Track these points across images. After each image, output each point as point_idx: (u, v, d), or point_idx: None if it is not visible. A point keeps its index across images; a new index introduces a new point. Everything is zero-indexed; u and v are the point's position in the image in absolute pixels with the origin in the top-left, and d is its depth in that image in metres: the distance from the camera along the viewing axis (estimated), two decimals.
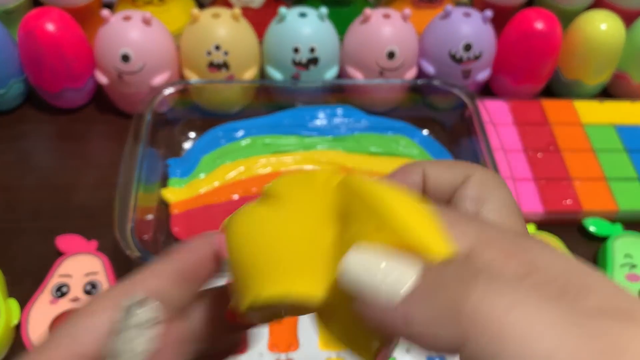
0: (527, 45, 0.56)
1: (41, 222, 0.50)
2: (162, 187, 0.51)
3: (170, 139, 0.55)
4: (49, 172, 0.54)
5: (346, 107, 0.57)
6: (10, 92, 0.56)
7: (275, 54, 0.55)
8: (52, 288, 0.44)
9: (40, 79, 0.55)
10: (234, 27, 0.54)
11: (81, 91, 0.56)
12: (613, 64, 0.59)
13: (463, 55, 0.55)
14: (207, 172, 0.52)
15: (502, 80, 0.60)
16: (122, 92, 0.55)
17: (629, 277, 0.46)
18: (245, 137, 0.55)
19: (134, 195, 0.45)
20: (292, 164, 0.53)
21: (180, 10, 0.63)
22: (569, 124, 0.58)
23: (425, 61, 0.58)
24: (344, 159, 0.53)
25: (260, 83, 0.58)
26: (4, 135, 0.57)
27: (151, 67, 0.53)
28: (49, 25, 0.51)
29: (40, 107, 0.59)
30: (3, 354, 0.42)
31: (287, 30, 0.54)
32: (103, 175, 0.53)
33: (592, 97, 0.62)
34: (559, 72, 0.61)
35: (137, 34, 0.52)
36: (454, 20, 0.55)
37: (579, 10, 0.62)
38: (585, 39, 0.57)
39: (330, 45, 0.56)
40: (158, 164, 0.52)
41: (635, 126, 0.58)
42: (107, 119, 0.58)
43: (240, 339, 0.23)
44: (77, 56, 0.53)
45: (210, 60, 0.53)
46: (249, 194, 0.51)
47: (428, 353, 0.14)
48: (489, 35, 0.56)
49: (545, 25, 0.55)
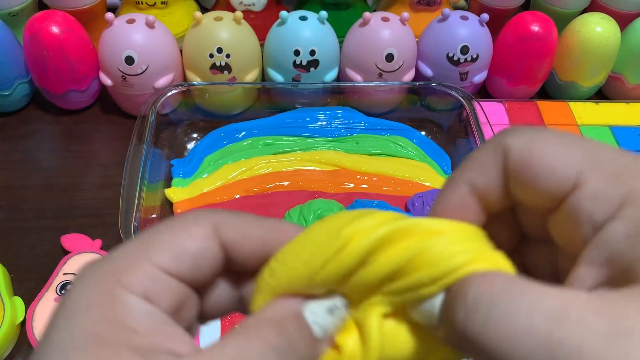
0: (523, 47, 0.57)
1: (46, 222, 0.50)
2: (166, 186, 0.52)
3: (174, 139, 0.56)
4: (54, 172, 0.55)
5: (346, 108, 0.58)
6: (15, 93, 0.57)
7: (276, 57, 0.56)
8: (57, 286, 0.44)
9: (45, 81, 0.55)
10: (236, 30, 0.54)
11: (85, 93, 0.57)
12: (608, 66, 0.60)
13: (460, 58, 0.56)
14: (210, 172, 0.53)
15: (499, 82, 0.61)
16: (126, 93, 0.55)
17: None
18: (247, 137, 0.56)
19: (137, 195, 0.45)
20: (292, 164, 0.54)
21: (183, 14, 0.63)
22: (565, 125, 0.59)
23: (423, 63, 0.58)
24: (344, 159, 0.54)
25: (261, 85, 0.58)
26: (9, 136, 0.57)
27: (154, 69, 0.53)
28: (54, 27, 0.52)
29: (45, 108, 0.60)
30: (8, 351, 0.42)
31: (287, 33, 0.55)
32: (107, 175, 0.54)
33: (588, 98, 0.63)
34: (554, 74, 0.61)
35: (140, 37, 0.52)
36: (451, 23, 0.56)
37: (575, 13, 0.63)
38: (580, 42, 0.58)
39: (330, 48, 0.56)
40: (161, 164, 0.53)
41: (630, 127, 0.59)
42: (111, 120, 0.59)
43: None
44: (81, 58, 0.54)
45: (212, 62, 0.54)
46: (250, 193, 0.51)
47: None
48: (485, 38, 0.57)
49: (541, 28, 0.56)
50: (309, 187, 0.52)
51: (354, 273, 0.17)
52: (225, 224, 0.19)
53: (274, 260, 0.18)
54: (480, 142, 0.51)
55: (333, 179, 0.53)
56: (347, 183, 0.53)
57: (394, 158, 0.55)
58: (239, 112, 0.58)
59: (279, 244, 0.19)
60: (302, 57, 0.55)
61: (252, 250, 0.19)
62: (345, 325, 0.18)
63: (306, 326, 0.17)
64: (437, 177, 0.54)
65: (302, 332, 0.17)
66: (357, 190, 0.52)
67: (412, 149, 0.56)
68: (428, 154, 0.56)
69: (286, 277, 0.18)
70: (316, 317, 0.17)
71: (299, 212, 0.47)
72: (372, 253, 0.17)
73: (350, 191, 0.52)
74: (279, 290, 0.18)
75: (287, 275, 0.18)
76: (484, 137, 0.51)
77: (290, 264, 0.18)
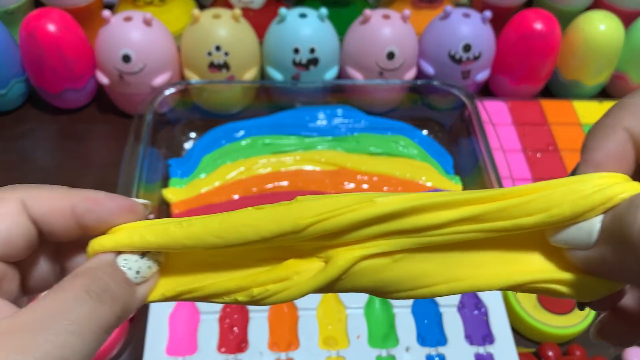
0: (526, 45, 0.56)
1: None
2: (163, 187, 0.51)
3: (171, 139, 0.55)
4: (50, 172, 0.54)
5: (346, 107, 0.57)
6: (11, 92, 0.56)
7: (276, 55, 0.56)
8: None
9: (41, 80, 0.55)
10: (235, 28, 0.54)
11: (82, 91, 0.57)
12: (612, 65, 0.59)
13: (462, 56, 0.55)
14: (208, 172, 0.52)
15: (501, 80, 0.60)
16: (123, 92, 0.55)
17: None
18: (245, 137, 0.55)
19: (135, 195, 0.45)
20: (292, 164, 0.53)
21: (180, 11, 0.63)
22: (568, 124, 0.58)
23: (425, 62, 0.58)
24: (344, 159, 0.53)
25: (260, 83, 0.58)
26: (5, 135, 0.57)
27: (152, 67, 0.53)
28: (50, 25, 0.51)
29: (41, 107, 0.59)
30: None
31: (287, 31, 0.54)
32: (104, 175, 0.53)
33: (591, 97, 0.62)
34: (558, 72, 0.61)
35: (137, 35, 0.52)
36: (453, 21, 0.55)
37: (578, 11, 0.63)
38: (584, 40, 0.57)
39: (330, 45, 0.56)
40: (159, 164, 0.52)
41: None
42: (108, 119, 0.59)
43: None
44: (78, 57, 0.54)
45: (210, 60, 0.53)
46: (249, 193, 0.51)
47: (431, 350, 0.14)
48: (488, 36, 0.56)
49: (544, 26, 0.56)
50: (309, 187, 0.51)
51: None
52: (33, 198, 0.19)
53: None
54: (482, 142, 0.50)
55: (333, 178, 0.52)
56: (347, 183, 0.52)
57: (395, 158, 0.54)
58: (237, 111, 0.58)
59: (90, 213, 0.20)
60: (302, 55, 0.54)
61: (63, 222, 0.20)
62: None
63: (119, 271, 0.19)
64: (439, 176, 0.53)
65: (115, 276, 0.19)
66: (357, 190, 0.52)
67: (414, 149, 0.55)
68: (430, 154, 0.55)
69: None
70: (128, 262, 0.20)
71: None
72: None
73: (351, 191, 0.52)
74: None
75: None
76: (486, 137, 0.51)
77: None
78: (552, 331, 0.43)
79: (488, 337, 0.42)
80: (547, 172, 0.54)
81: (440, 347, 0.41)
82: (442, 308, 0.44)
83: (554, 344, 0.43)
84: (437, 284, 0.20)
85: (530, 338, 0.44)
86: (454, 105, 0.55)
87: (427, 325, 0.43)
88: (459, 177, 0.54)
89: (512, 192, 0.19)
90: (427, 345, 0.42)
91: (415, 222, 0.19)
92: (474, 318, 0.43)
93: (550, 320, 0.43)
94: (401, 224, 0.19)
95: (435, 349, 0.41)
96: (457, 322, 0.43)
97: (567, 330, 0.43)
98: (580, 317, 0.44)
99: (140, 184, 0.46)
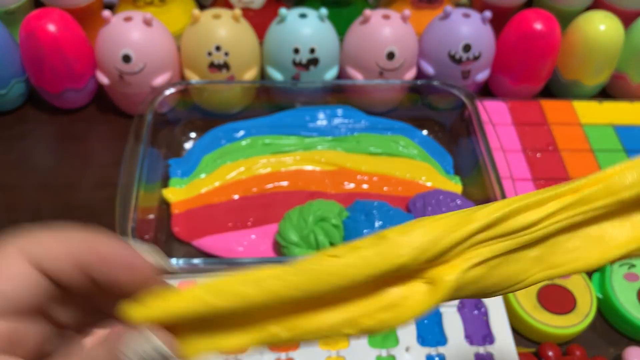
0: (526, 45, 0.56)
1: (42, 222, 0.50)
2: (163, 187, 0.51)
3: (171, 139, 0.55)
4: (50, 172, 0.54)
5: (346, 107, 0.57)
6: (11, 92, 0.56)
7: (276, 55, 0.56)
8: None
9: (41, 80, 0.55)
10: (235, 28, 0.54)
11: (82, 91, 0.57)
12: (612, 65, 0.59)
13: (462, 56, 0.55)
14: (208, 172, 0.52)
15: (501, 80, 0.60)
16: (123, 92, 0.55)
17: (628, 277, 0.46)
18: (245, 137, 0.55)
19: (135, 195, 0.45)
20: (292, 164, 0.53)
21: (180, 11, 0.63)
22: (568, 124, 0.58)
23: (425, 62, 0.58)
24: (344, 159, 0.53)
25: (260, 83, 0.58)
26: (5, 135, 0.57)
27: (152, 67, 0.53)
28: (50, 25, 0.51)
29: (41, 107, 0.59)
30: None
31: (287, 31, 0.54)
32: (104, 175, 0.53)
33: (591, 97, 0.62)
34: (558, 72, 0.61)
35: (138, 35, 0.52)
36: (453, 21, 0.55)
37: (578, 11, 0.63)
38: (584, 40, 0.57)
39: (330, 45, 0.56)
40: (159, 164, 0.52)
41: (634, 126, 0.59)
42: (108, 119, 0.59)
43: None
44: (78, 57, 0.54)
45: (210, 60, 0.53)
46: (249, 193, 0.51)
47: (431, 350, 0.15)
48: (488, 36, 0.56)
49: (544, 26, 0.56)
50: (309, 187, 0.51)
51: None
52: (36, 252, 0.19)
53: None
54: (482, 142, 0.51)
55: (333, 178, 0.52)
56: (347, 183, 0.52)
57: (395, 158, 0.54)
58: (237, 111, 0.58)
59: (92, 256, 0.19)
60: (302, 55, 0.54)
61: (68, 271, 0.19)
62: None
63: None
64: (439, 177, 0.53)
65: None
66: (357, 191, 0.52)
67: (414, 149, 0.55)
68: (430, 154, 0.55)
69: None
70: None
71: (299, 212, 0.46)
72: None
73: (351, 191, 0.52)
74: None
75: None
76: (486, 137, 0.51)
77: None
78: (552, 331, 0.43)
79: (488, 337, 0.42)
80: (547, 172, 0.54)
81: (440, 347, 0.41)
82: (442, 308, 0.44)
83: (554, 344, 0.43)
84: (533, 275, 0.21)
85: (530, 338, 0.44)
86: (454, 105, 0.55)
87: (427, 325, 0.43)
88: (459, 177, 0.54)
89: (604, 175, 0.21)
90: (427, 345, 0.42)
91: (512, 225, 0.20)
92: (474, 318, 0.43)
93: (550, 320, 0.43)
94: (499, 230, 0.20)
95: (435, 349, 0.41)
96: (457, 322, 0.43)
97: (567, 330, 0.43)
98: (580, 317, 0.44)
99: (140, 184, 0.46)
